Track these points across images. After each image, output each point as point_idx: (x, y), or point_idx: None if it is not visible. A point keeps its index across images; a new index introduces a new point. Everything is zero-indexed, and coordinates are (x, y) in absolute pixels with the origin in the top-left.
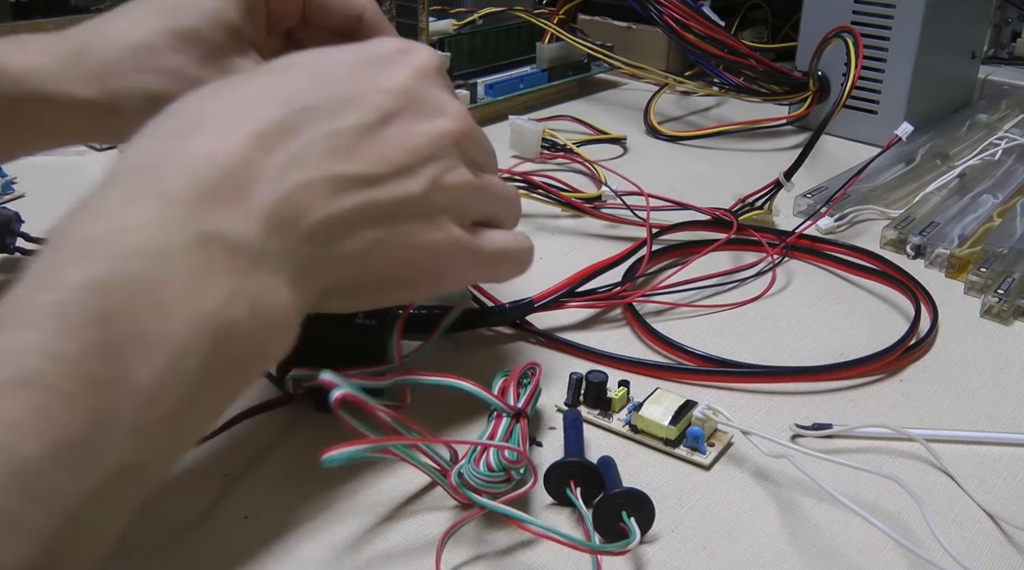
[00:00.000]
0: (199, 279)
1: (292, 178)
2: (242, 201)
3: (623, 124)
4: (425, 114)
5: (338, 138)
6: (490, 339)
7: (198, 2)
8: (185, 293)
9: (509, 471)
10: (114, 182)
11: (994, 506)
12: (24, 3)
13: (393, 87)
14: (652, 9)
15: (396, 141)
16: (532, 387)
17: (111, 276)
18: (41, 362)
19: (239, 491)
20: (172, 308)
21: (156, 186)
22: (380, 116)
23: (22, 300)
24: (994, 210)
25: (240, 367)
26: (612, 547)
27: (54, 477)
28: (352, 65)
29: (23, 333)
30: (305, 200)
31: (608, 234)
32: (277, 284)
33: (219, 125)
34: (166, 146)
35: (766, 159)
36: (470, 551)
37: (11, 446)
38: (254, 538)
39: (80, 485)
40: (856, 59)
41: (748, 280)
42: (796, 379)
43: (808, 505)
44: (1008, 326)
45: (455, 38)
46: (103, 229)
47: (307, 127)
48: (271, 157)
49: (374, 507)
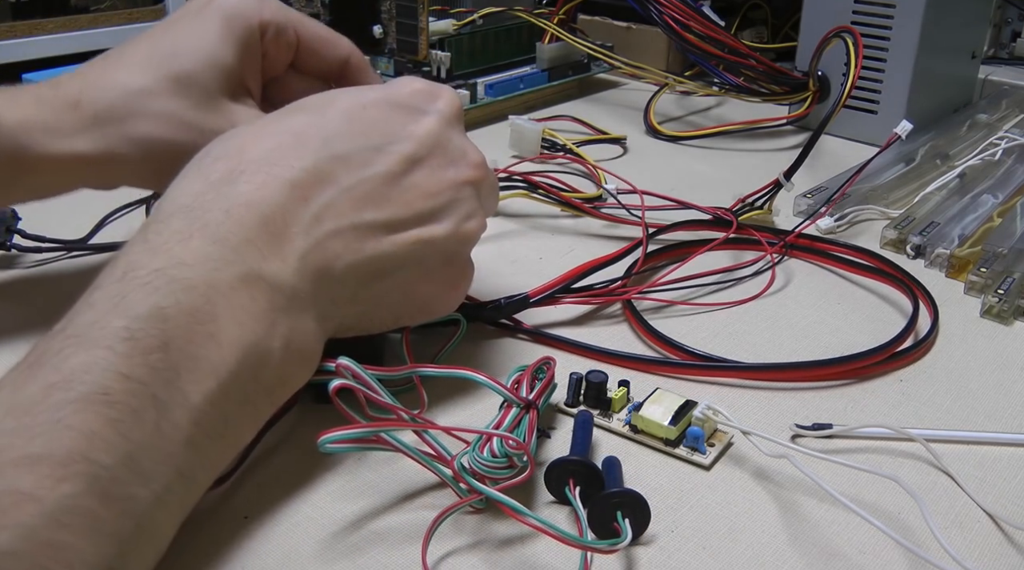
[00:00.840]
0: (243, 313)
1: (324, 226)
2: (279, 245)
3: (623, 124)
4: (449, 161)
5: (367, 186)
6: (487, 337)
7: (194, 47)
8: (232, 325)
9: (511, 458)
10: (167, 221)
11: (994, 506)
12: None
13: (421, 134)
14: (652, 9)
15: (420, 188)
16: (546, 380)
17: (171, 306)
18: (113, 380)
19: (239, 491)
20: (221, 337)
21: (204, 228)
22: (407, 164)
23: (94, 323)
24: (994, 210)
25: (271, 393)
26: (602, 545)
27: (126, 485)
28: (381, 109)
29: (97, 353)
30: (335, 247)
31: (608, 234)
32: (307, 320)
33: (258, 172)
34: (212, 191)
35: (766, 159)
36: (465, 540)
37: (91, 455)
38: (254, 538)
39: (146, 492)
40: (856, 59)
41: (747, 278)
42: (790, 375)
43: (808, 505)
44: (1008, 326)
45: (455, 38)
46: (161, 263)
47: (339, 175)
48: (305, 205)
49: (374, 507)
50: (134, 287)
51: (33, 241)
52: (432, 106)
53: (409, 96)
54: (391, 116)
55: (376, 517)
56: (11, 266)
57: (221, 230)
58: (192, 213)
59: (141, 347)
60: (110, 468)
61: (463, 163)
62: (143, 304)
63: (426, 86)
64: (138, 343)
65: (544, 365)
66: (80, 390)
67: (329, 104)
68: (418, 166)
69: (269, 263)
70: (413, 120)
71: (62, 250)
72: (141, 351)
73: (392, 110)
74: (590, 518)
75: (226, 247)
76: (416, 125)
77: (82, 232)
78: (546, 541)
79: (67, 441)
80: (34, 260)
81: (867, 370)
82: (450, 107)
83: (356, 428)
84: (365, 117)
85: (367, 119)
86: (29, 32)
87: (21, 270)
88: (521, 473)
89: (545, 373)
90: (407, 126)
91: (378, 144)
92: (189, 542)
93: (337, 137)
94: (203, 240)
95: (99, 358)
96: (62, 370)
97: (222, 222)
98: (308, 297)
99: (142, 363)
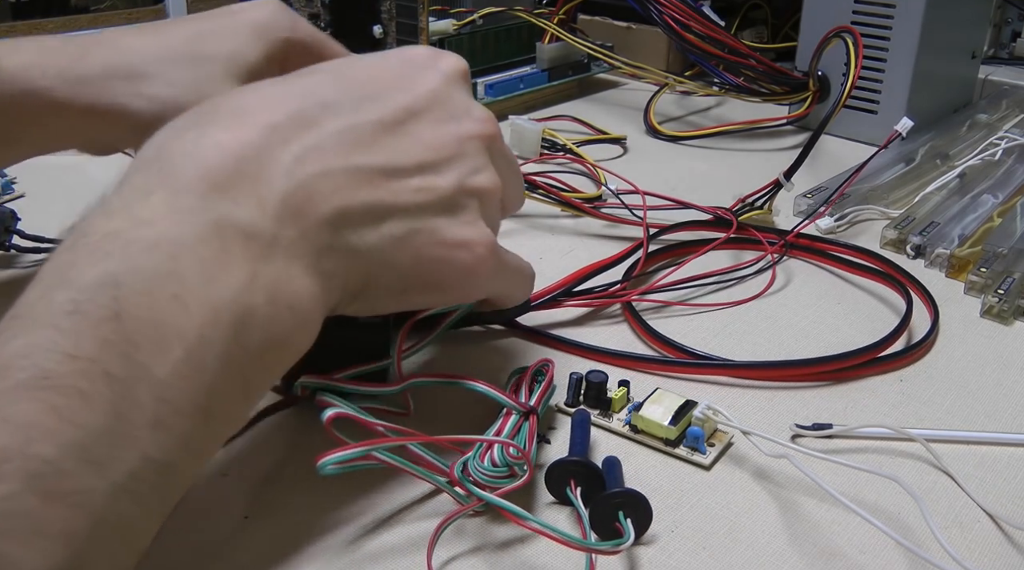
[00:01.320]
0: (214, 267)
1: (309, 167)
2: (255, 188)
3: (623, 124)
4: (451, 115)
5: (357, 131)
6: (485, 338)
7: (221, 37)
8: (200, 282)
9: (512, 467)
10: (128, 179)
11: (994, 506)
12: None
13: (420, 89)
14: (652, 9)
15: (419, 137)
16: (545, 384)
17: (125, 271)
18: (57, 361)
19: (239, 491)
20: (188, 298)
21: (168, 178)
22: (403, 113)
23: (38, 300)
24: (994, 210)
25: (262, 357)
26: (605, 546)
27: (76, 477)
28: (379, 67)
29: (39, 333)
30: (322, 188)
31: (608, 234)
32: (296, 272)
33: (234, 118)
34: (178, 139)
35: (766, 159)
36: (467, 545)
37: (28, 449)
38: (254, 538)
39: (103, 483)
40: (856, 59)
41: (747, 278)
42: (782, 373)
43: (808, 505)
44: (1008, 326)
45: (455, 38)
46: (116, 225)
47: (325, 120)
48: (287, 147)
49: (375, 507)
50: (82, 255)
51: (32, 241)
52: (434, 64)
53: (410, 57)
54: (387, 72)
55: (376, 518)
56: (10, 266)
57: (185, 177)
58: (153, 165)
59: (90, 320)
60: (52, 461)
61: (467, 118)
62: (91, 272)
63: (430, 50)
64: (85, 316)
65: (543, 367)
66: (18, 377)
67: (326, 66)
68: (415, 118)
69: (242, 208)
70: (412, 76)
71: None
72: (90, 324)
73: (389, 67)
74: (592, 519)
75: (192, 195)
76: (414, 80)
77: None
78: (547, 541)
79: (1, 436)
80: (33, 260)
81: (862, 369)
82: (452, 67)
83: (352, 449)
84: (358, 74)
85: (361, 75)
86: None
87: (20, 270)
88: (520, 478)
89: (544, 376)
90: (403, 80)
91: (371, 94)
92: (189, 542)
93: (326, 88)
94: (165, 192)
95: (41, 338)
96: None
97: (186, 169)
98: (294, 244)
99: (91, 338)
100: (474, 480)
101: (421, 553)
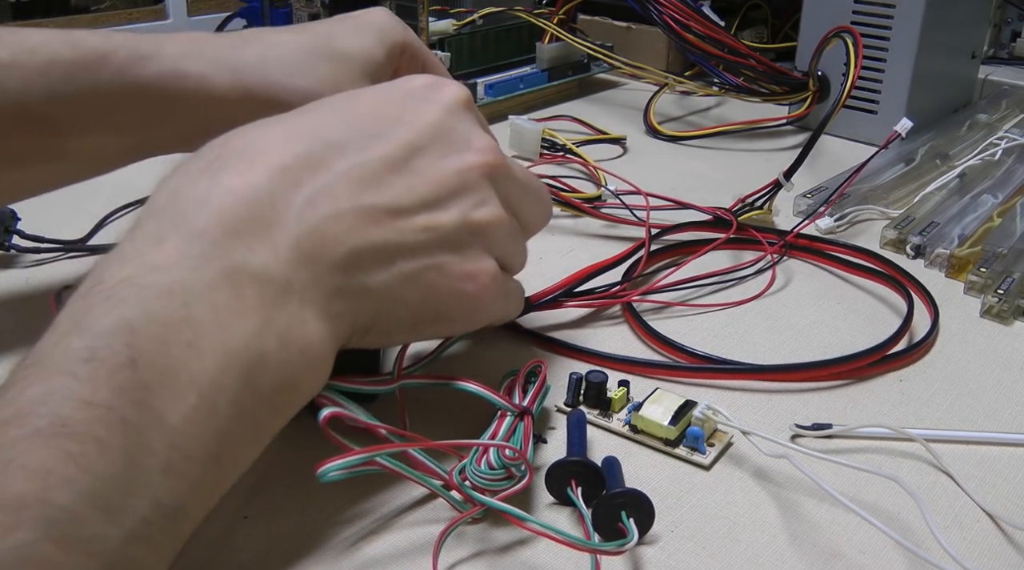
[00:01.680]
0: (227, 314)
1: (320, 209)
2: (268, 233)
3: (623, 124)
4: (453, 148)
5: (365, 170)
6: (481, 339)
7: (353, 37)
8: (214, 329)
9: (510, 469)
10: (140, 225)
11: (994, 506)
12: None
13: (420, 122)
14: (652, 9)
15: (422, 174)
16: (538, 385)
17: (139, 317)
18: (73, 409)
19: (239, 491)
20: (202, 344)
21: (181, 224)
22: (407, 150)
23: (54, 347)
24: (994, 210)
25: (273, 401)
26: (609, 546)
27: (91, 524)
28: (380, 102)
29: (56, 380)
30: (334, 231)
31: (608, 234)
32: (308, 316)
33: (244, 161)
34: (191, 184)
35: (766, 159)
36: (470, 549)
37: (45, 496)
38: (254, 538)
39: (117, 530)
40: (856, 59)
41: (747, 278)
42: (784, 376)
43: (808, 505)
44: (1008, 326)
45: (455, 38)
46: (130, 271)
47: (334, 161)
48: (298, 190)
49: (375, 507)
50: (97, 301)
51: (32, 241)
52: (435, 96)
53: (411, 89)
54: (390, 107)
55: (376, 518)
56: (10, 266)
57: (199, 224)
58: (166, 212)
59: (105, 367)
60: (68, 509)
61: (467, 150)
62: (106, 319)
63: (430, 79)
64: (101, 363)
65: (535, 368)
66: (36, 424)
67: (328, 102)
68: (419, 154)
69: (256, 254)
70: (413, 109)
71: (61, 250)
72: (106, 372)
73: (391, 102)
74: (594, 519)
75: (205, 242)
76: (416, 114)
77: (81, 232)
78: (548, 543)
79: (20, 483)
80: (33, 260)
81: (863, 371)
82: (453, 97)
83: (352, 456)
84: (364, 110)
85: (364, 110)
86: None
87: (20, 270)
88: (520, 481)
89: (537, 377)
90: (405, 115)
91: (375, 131)
92: (189, 542)
93: (331, 126)
94: (179, 238)
95: (58, 386)
96: (17, 404)
97: (199, 215)
98: (306, 289)
99: (107, 385)
100: (473, 485)
101: (422, 554)
